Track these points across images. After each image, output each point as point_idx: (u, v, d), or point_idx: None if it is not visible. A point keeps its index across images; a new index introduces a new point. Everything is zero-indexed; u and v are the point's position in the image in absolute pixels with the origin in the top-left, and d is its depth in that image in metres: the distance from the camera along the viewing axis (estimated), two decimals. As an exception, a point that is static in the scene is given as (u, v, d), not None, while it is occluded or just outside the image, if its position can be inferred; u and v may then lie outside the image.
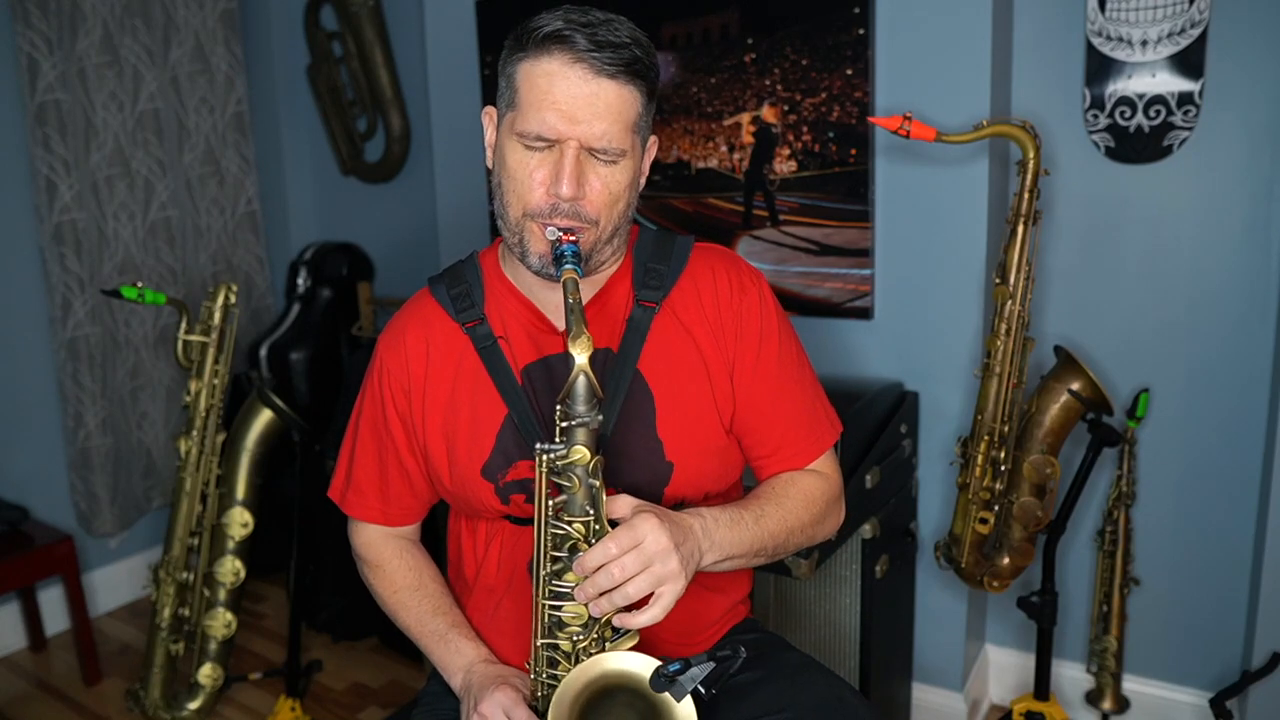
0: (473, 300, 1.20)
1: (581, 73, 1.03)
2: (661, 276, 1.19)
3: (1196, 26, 1.83)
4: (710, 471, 1.20)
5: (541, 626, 1.05)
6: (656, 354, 1.17)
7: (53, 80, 2.60)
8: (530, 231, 1.09)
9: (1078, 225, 2.03)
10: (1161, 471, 2.04)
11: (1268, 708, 1.88)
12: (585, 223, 1.07)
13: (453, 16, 2.54)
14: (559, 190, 1.05)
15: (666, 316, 1.18)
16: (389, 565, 1.29)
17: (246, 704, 2.45)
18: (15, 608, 2.75)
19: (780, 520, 1.16)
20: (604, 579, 0.97)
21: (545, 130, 1.04)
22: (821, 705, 1.17)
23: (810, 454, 1.24)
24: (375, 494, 1.28)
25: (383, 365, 1.23)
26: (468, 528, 1.26)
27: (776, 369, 1.21)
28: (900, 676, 2.09)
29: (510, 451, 1.16)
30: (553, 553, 1.03)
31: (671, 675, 0.97)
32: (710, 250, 1.25)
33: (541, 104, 1.03)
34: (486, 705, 1.08)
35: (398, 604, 1.27)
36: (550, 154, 1.06)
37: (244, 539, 2.11)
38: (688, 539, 1.03)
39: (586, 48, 1.02)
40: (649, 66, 1.07)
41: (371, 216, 3.27)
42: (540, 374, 1.17)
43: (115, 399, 2.86)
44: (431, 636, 1.23)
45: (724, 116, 2.13)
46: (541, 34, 1.03)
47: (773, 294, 1.25)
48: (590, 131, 1.04)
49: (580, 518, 1.00)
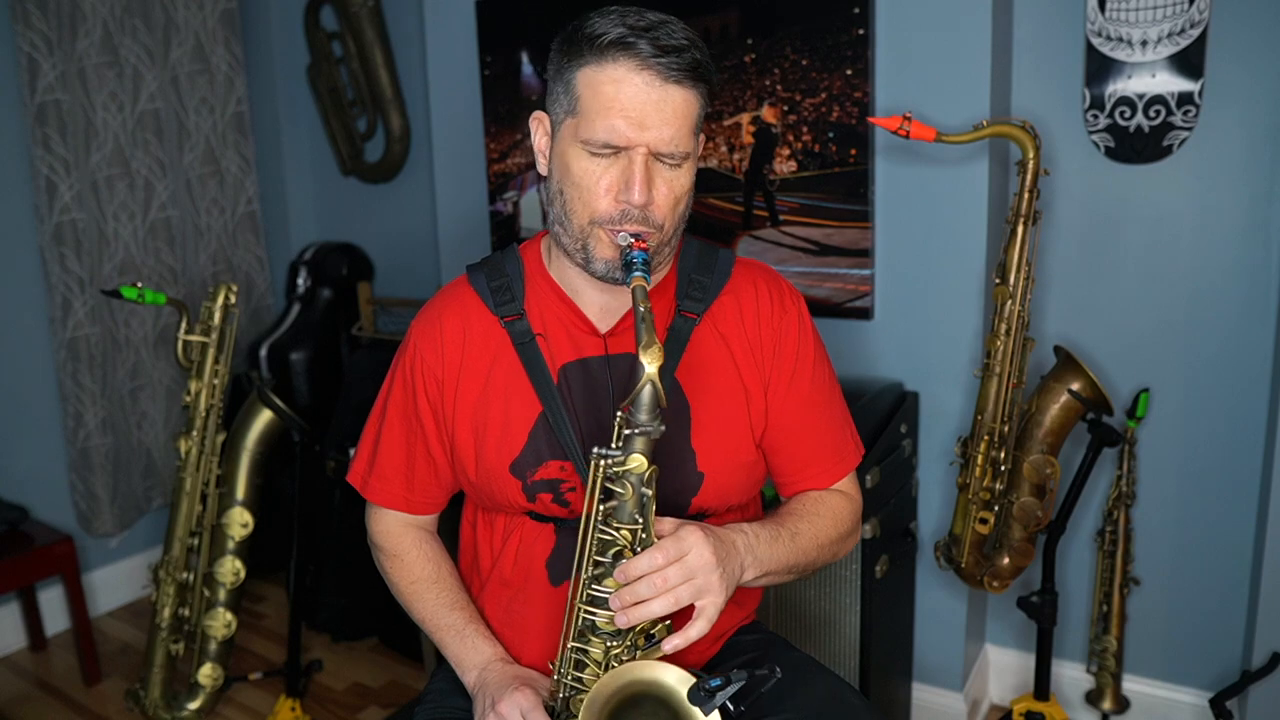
0: (513, 294, 1.19)
1: (648, 79, 1.03)
2: (704, 289, 1.19)
3: (1196, 26, 1.83)
4: (737, 485, 1.20)
5: (574, 629, 1.04)
6: (694, 365, 1.17)
7: (53, 80, 2.60)
8: (597, 238, 1.08)
9: (1078, 225, 2.03)
10: (1161, 471, 2.04)
11: (1268, 708, 1.88)
12: (653, 228, 1.07)
13: (453, 16, 2.54)
14: (629, 197, 1.05)
15: (707, 328, 1.19)
16: (407, 555, 1.27)
17: (246, 704, 2.45)
18: (15, 608, 2.75)
19: (813, 538, 1.17)
20: (645, 588, 0.97)
21: (614, 138, 1.03)
22: (822, 705, 1.17)
23: (835, 474, 1.25)
24: (401, 480, 1.26)
25: (417, 350, 1.21)
26: (485, 520, 1.25)
27: (809, 390, 1.22)
28: (900, 676, 2.09)
29: (542, 450, 1.15)
30: (596, 557, 1.03)
31: (713, 690, 0.96)
32: (753, 266, 1.25)
33: (609, 111, 1.03)
34: (505, 705, 1.08)
35: (414, 595, 1.26)
36: (616, 160, 1.05)
37: (244, 539, 2.11)
38: (731, 555, 1.04)
39: (652, 53, 1.02)
40: (709, 68, 1.07)
41: (371, 216, 3.27)
42: (577, 375, 1.17)
43: (115, 399, 2.86)
44: (448, 630, 1.22)
45: (724, 116, 2.13)
46: (605, 40, 1.03)
47: (810, 316, 1.26)
48: (659, 137, 1.04)
49: (629, 525, 1.01)
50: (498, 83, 2.47)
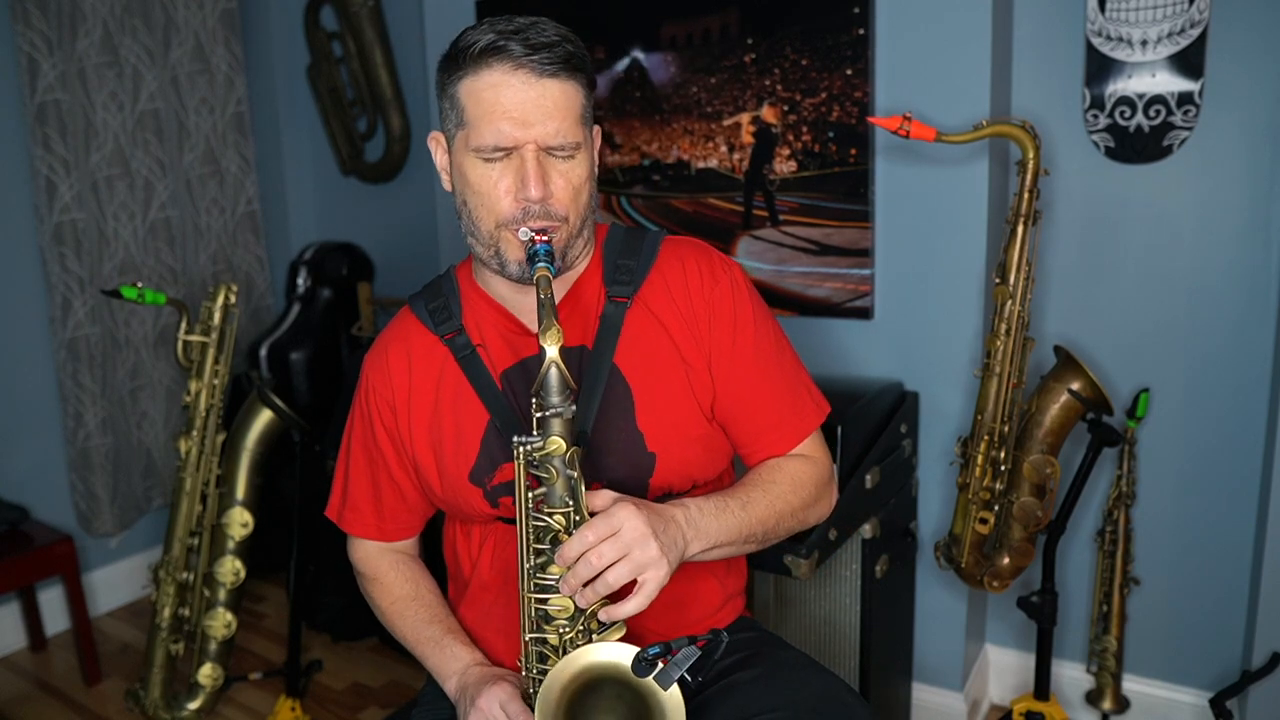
0: (450, 312, 1.23)
1: (524, 77, 1.06)
2: (631, 271, 1.21)
3: (1196, 26, 1.83)
4: (694, 459, 1.21)
5: (529, 621, 1.06)
6: (631, 348, 1.19)
7: (53, 80, 2.60)
8: (505, 241, 1.11)
9: (1078, 225, 2.03)
10: (1161, 471, 2.04)
11: (1268, 708, 1.88)
12: (556, 220, 1.10)
13: (453, 17, 2.53)
14: (526, 194, 1.08)
15: (639, 310, 1.20)
16: (386, 578, 1.32)
17: (246, 704, 2.45)
18: (15, 608, 2.75)
19: (768, 506, 1.17)
20: (584, 568, 0.99)
21: (501, 140, 1.07)
22: (819, 704, 1.17)
23: (794, 438, 1.25)
24: (371, 511, 1.32)
25: (368, 383, 1.27)
26: (462, 531, 1.29)
27: (753, 355, 1.22)
28: (900, 676, 2.09)
29: (495, 455, 1.19)
30: (535, 545, 1.04)
31: (652, 659, 0.97)
32: (680, 242, 1.26)
33: (492, 115, 1.07)
34: (484, 700, 1.10)
35: (395, 614, 1.30)
36: (510, 162, 1.09)
37: (244, 539, 2.11)
38: (668, 527, 1.04)
39: (524, 53, 1.06)
40: (583, 59, 1.11)
41: (371, 216, 3.27)
42: (519, 377, 1.20)
43: (115, 399, 2.86)
44: (427, 643, 1.25)
45: (724, 116, 2.13)
46: (477, 49, 1.07)
47: (747, 280, 1.25)
48: (544, 131, 1.07)
49: (560, 509, 1.02)
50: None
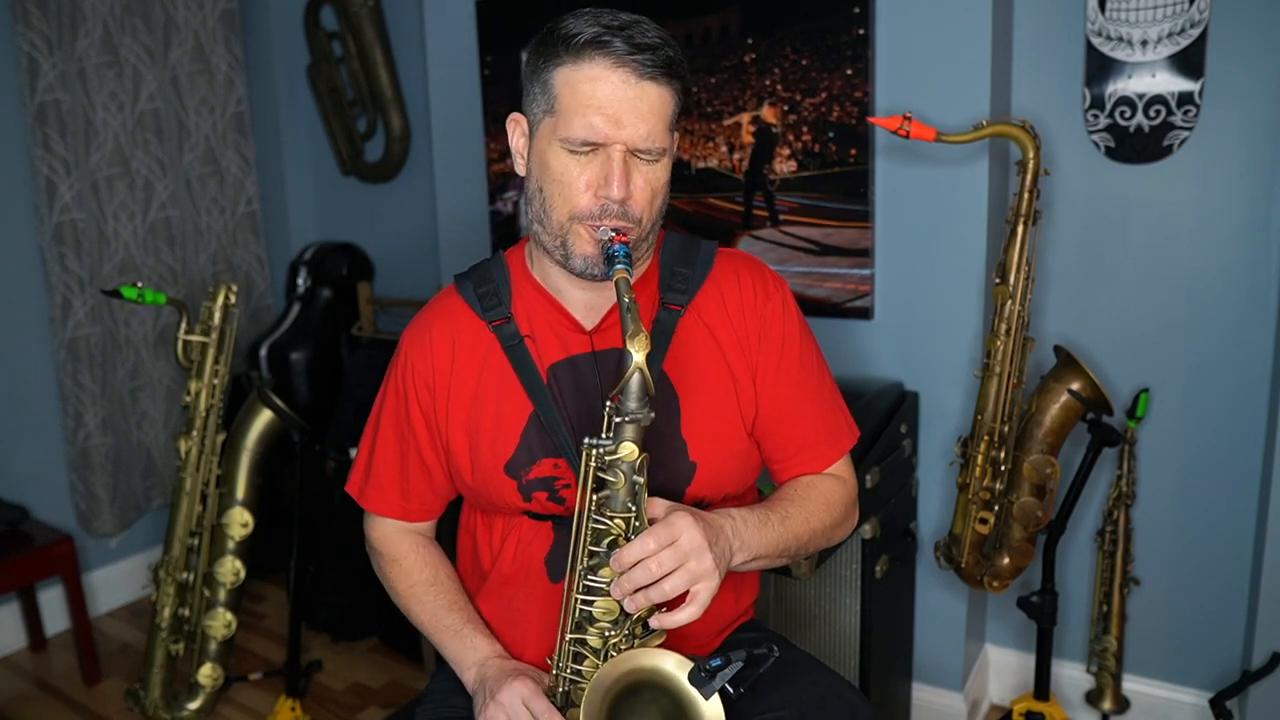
0: (499, 299, 1.21)
1: (624, 76, 1.05)
2: (687, 280, 1.21)
3: (1196, 26, 1.83)
4: (731, 473, 1.21)
5: (571, 621, 1.05)
6: (681, 356, 1.19)
7: (53, 80, 2.60)
8: (576, 234, 1.10)
9: (1078, 225, 2.03)
10: (1161, 471, 2.04)
11: (1268, 708, 1.88)
12: (630, 222, 1.09)
13: (453, 16, 2.54)
14: (609, 193, 1.07)
15: (692, 320, 1.20)
16: (405, 560, 1.29)
17: (246, 704, 2.45)
18: (15, 608, 2.75)
19: (804, 522, 1.18)
20: (641, 574, 0.98)
21: (592, 135, 1.06)
22: (822, 703, 1.18)
23: (829, 458, 1.26)
24: (395, 489, 1.28)
25: (408, 360, 1.24)
26: (483, 522, 1.27)
27: (798, 374, 1.23)
28: (900, 676, 2.09)
29: (534, 449, 1.17)
30: (590, 548, 1.04)
31: (713, 671, 0.98)
32: (735, 255, 1.27)
33: (587, 109, 1.05)
34: (505, 694, 1.09)
35: (412, 598, 1.28)
36: (594, 157, 1.08)
37: (244, 539, 2.11)
38: (720, 538, 1.05)
39: (627, 51, 1.04)
40: (682, 65, 1.10)
41: (371, 216, 3.27)
42: (566, 373, 1.18)
43: (115, 399, 2.86)
44: (446, 631, 1.23)
45: (724, 116, 2.13)
46: (581, 40, 1.05)
47: (795, 301, 1.27)
48: (635, 133, 1.06)
49: (621, 514, 1.02)
50: (498, 83, 2.47)
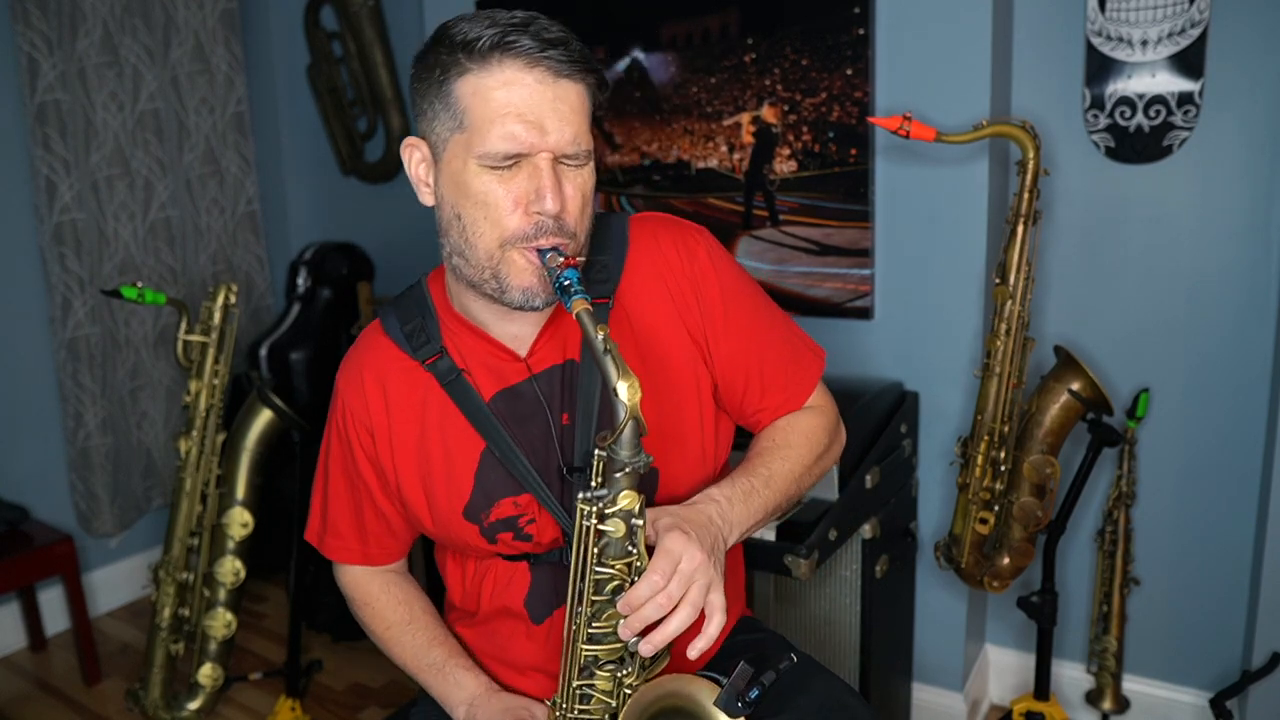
0: (429, 335, 1.12)
1: (540, 76, 0.95)
2: (606, 268, 1.11)
3: (1196, 26, 1.83)
4: (694, 469, 1.16)
5: (576, 668, 1.00)
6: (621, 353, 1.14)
7: (53, 80, 2.60)
8: (510, 263, 0.99)
9: (1078, 225, 2.03)
10: (1161, 471, 2.04)
11: (1268, 708, 1.88)
12: (566, 236, 0.99)
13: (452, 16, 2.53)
14: (542, 207, 0.96)
15: (619, 314, 1.11)
16: (377, 602, 1.25)
17: (246, 704, 2.45)
18: (15, 608, 2.75)
19: (788, 472, 1.13)
20: (652, 610, 0.93)
21: (514, 145, 0.95)
22: (821, 706, 1.17)
23: (802, 394, 1.21)
24: (353, 536, 1.23)
25: (345, 405, 1.17)
26: (455, 561, 1.23)
27: (748, 321, 1.16)
28: (900, 676, 2.09)
29: (491, 491, 1.11)
30: (592, 597, 0.98)
31: (751, 702, 0.95)
32: (647, 220, 1.17)
33: (504, 118, 0.95)
34: None
35: (391, 640, 1.24)
36: (519, 170, 0.97)
37: (244, 539, 2.11)
38: (714, 535, 1.00)
39: (538, 49, 0.94)
40: (592, 57, 1.00)
41: (371, 216, 3.26)
42: (508, 401, 1.11)
43: (115, 399, 2.86)
44: (429, 670, 1.19)
45: (724, 116, 2.13)
46: (485, 43, 0.95)
47: (719, 244, 1.19)
48: (561, 138, 0.96)
49: (622, 559, 0.96)
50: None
